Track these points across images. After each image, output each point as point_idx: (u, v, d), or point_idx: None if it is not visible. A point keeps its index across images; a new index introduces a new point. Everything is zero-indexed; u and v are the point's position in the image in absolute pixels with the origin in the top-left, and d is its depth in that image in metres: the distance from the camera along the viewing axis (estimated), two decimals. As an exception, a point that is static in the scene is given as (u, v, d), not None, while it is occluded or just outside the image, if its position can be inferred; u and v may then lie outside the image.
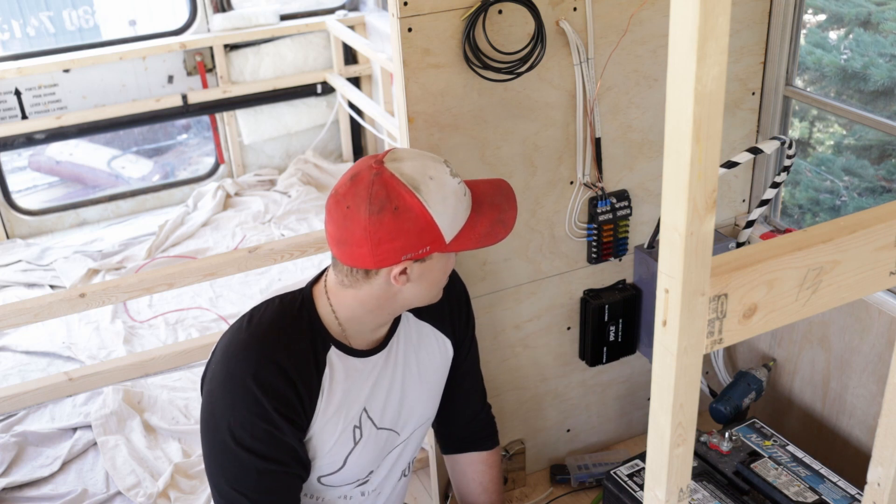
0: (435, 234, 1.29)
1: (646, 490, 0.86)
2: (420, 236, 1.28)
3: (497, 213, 1.37)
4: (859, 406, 1.75)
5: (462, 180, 1.35)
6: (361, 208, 1.26)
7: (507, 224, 1.38)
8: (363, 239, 1.27)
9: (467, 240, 1.33)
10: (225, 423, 1.34)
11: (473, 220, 1.34)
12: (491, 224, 1.36)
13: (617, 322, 1.85)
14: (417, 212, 1.26)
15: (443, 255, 1.34)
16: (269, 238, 4.17)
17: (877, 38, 3.56)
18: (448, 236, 1.31)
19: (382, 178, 1.26)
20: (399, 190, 1.26)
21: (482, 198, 1.38)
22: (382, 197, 1.25)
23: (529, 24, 1.55)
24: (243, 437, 1.33)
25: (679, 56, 0.66)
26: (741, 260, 0.78)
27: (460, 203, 1.32)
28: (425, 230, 1.28)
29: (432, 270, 1.35)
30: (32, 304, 2.71)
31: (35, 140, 4.34)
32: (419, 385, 1.53)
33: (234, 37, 4.45)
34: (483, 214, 1.36)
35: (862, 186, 3.68)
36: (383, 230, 1.26)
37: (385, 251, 1.28)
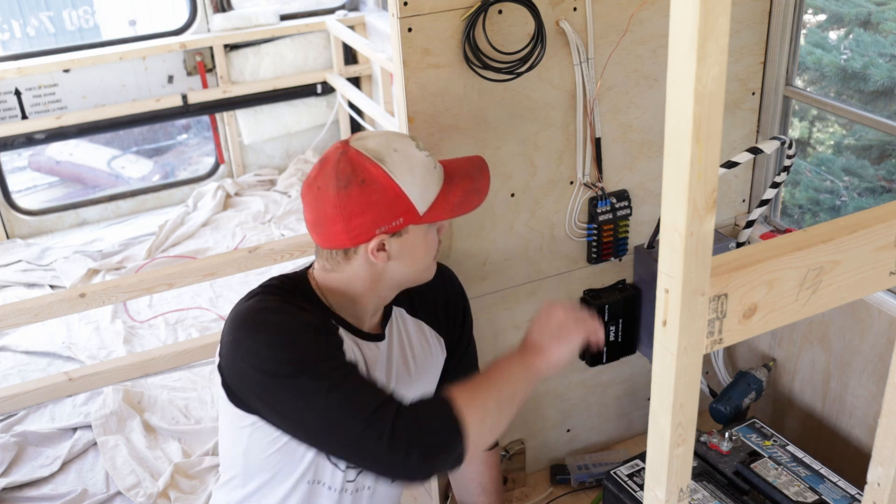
0: (406, 205, 1.30)
1: (646, 490, 0.86)
2: (390, 208, 1.29)
3: (471, 182, 1.38)
4: (859, 406, 1.75)
5: (431, 155, 1.36)
6: (330, 186, 1.29)
7: (480, 192, 1.39)
8: (335, 216, 1.30)
9: (442, 210, 1.34)
10: (297, 350, 1.26)
11: (447, 191, 1.35)
12: (465, 193, 1.37)
13: (617, 322, 1.85)
14: (384, 182, 1.28)
15: (420, 228, 1.34)
16: (269, 238, 4.17)
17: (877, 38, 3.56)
18: (421, 207, 1.32)
19: (348, 155, 1.30)
20: (364, 164, 1.29)
21: (455, 171, 1.39)
22: (348, 172, 1.28)
23: (529, 24, 1.55)
24: (319, 344, 1.28)
25: (679, 56, 0.66)
26: (741, 260, 0.78)
27: (430, 175, 1.33)
28: (395, 201, 1.29)
29: (412, 246, 1.35)
30: (32, 304, 2.71)
31: (35, 140, 4.34)
32: (411, 380, 1.52)
33: (234, 37, 4.45)
34: (456, 185, 1.37)
35: (862, 186, 3.68)
36: (352, 203, 1.28)
37: (358, 226, 1.30)
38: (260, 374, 1.26)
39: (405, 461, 1.22)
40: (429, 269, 1.43)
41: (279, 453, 1.38)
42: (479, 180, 1.40)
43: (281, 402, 1.25)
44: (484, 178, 1.41)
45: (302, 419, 1.25)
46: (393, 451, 1.22)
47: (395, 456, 1.22)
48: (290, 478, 1.42)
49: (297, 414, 1.25)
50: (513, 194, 1.70)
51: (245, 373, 1.28)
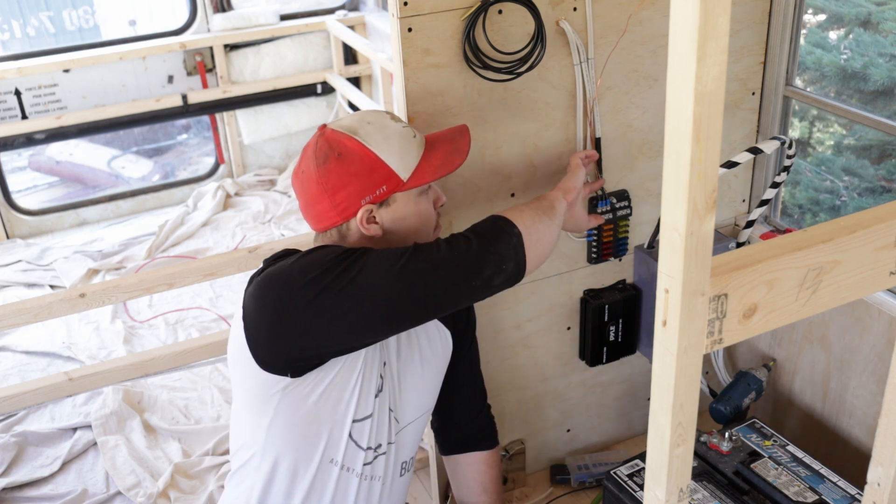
0: (386, 172, 1.34)
1: (646, 490, 0.86)
2: (371, 176, 1.33)
3: (451, 144, 1.41)
4: (859, 406, 1.75)
5: (408, 125, 1.40)
6: (311, 166, 1.35)
7: (461, 152, 1.41)
8: (320, 194, 1.35)
9: (424, 173, 1.37)
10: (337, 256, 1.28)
11: (428, 156, 1.39)
12: (446, 154, 1.39)
13: (617, 322, 1.85)
14: (360, 152, 1.33)
15: (407, 196, 1.37)
16: (269, 238, 4.17)
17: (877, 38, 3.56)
18: (403, 174, 1.35)
19: (325, 136, 1.36)
20: (339, 139, 1.34)
21: (436, 138, 1.43)
22: (325, 149, 1.34)
23: (529, 24, 1.55)
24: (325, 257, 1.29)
25: (679, 56, 0.66)
26: (741, 260, 0.78)
27: (408, 142, 1.37)
28: (374, 169, 1.33)
29: (404, 215, 1.37)
30: (32, 304, 2.71)
31: (35, 140, 4.34)
32: (419, 371, 1.53)
33: (234, 37, 4.45)
34: (437, 149, 1.40)
35: (862, 186, 3.68)
36: (333, 177, 1.33)
37: (342, 199, 1.34)
38: (310, 287, 1.26)
39: (468, 248, 1.27)
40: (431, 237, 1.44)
41: (304, 422, 1.38)
42: (458, 142, 1.43)
43: (341, 294, 1.25)
44: (464, 139, 1.43)
45: (365, 289, 1.25)
46: (451, 248, 1.27)
47: (456, 250, 1.27)
48: (314, 456, 1.42)
49: (360, 288, 1.25)
50: (513, 194, 1.70)
51: (293, 309, 1.27)
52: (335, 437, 1.42)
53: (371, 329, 1.32)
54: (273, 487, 1.45)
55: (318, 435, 1.41)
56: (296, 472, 1.43)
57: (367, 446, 1.46)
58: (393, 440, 1.51)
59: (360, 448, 1.45)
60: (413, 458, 1.63)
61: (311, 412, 1.38)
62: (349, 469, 1.45)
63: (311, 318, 1.28)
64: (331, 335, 1.30)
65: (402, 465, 1.58)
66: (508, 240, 1.31)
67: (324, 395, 1.38)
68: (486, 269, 1.29)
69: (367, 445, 1.46)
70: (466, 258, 1.28)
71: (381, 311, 1.28)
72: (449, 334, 1.58)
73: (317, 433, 1.41)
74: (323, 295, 1.26)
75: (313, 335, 1.30)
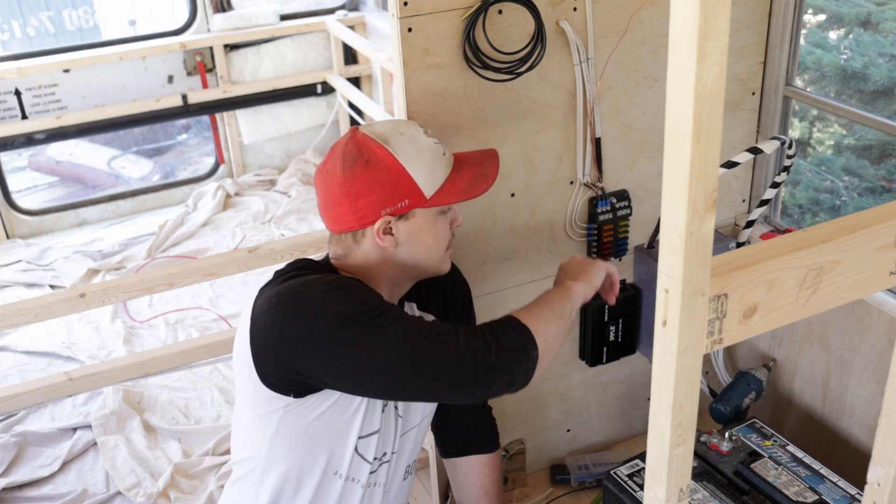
0: (411, 187, 1.32)
1: (646, 490, 0.86)
2: (395, 188, 1.31)
3: (478, 168, 1.40)
4: (859, 406, 1.75)
5: (438, 142, 1.39)
6: (337, 167, 1.33)
7: (488, 177, 1.40)
8: (342, 196, 1.33)
9: (448, 194, 1.35)
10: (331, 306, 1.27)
11: (454, 177, 1.37)
12: (472, 178, 1.38)
13: (617, 322, 1.85)
14: (388, 163, 1.31)
15: (427, 213, 1.36)
16: (269, 238, 4.16)
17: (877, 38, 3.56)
18: (427, 191, 1.34)
19: (355, 139, 1.34)
20: (370, 145, 1.32)
21: (464, 159, 1.42)
22: (354, 153, 1.32)
23: (529, 24, 1.55)
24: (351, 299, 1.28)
25: (679, 56, 0.66)
26: (741, 260, 0.78)
27: (437, 159, 1.36)
28: (400, 182, 1.31)
29: (420, 231, 1.36)
30: (32, 304, 2.71)
31: (35, 140, 4.34)
32: None
33: (234, 37, 4.45)
34: (464, 171, 1.38)
35: (862, 186, 3.68)
36: (358, 183, 1.32)
37: (363, 206, 1.32)
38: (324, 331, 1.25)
39: (484, 360, 1.25)
40: (442, 262, 1.44)
41: (305, 438, 1.38)
42: (487, 167, 1.41)
43: (352, 351, 1.25)
44: (493, 165, 1.42)
45: (376, 358, 1.25)
46: (470, 352, 1.25)
47: (474, 357, 1.25)
48: (316, 469, 1.41)
49: (371, 355, 1.24)
50: (513, 194, 1.70)
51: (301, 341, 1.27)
52: (339, 453, 1.42)
53: (367, 390, 1.33)
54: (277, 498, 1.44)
55: (320, 451, 1.40)
56: (299, 482, 1.43)
57: (374, 458, 1.46)
58: (396, 449, 1.50)
59: (366, 461, 1.45)
60: (416, 461, 1.63)
61: (313, 430, 1.38)
62: (354, 479, 1.46)
63: (317, 358, 1.28)
64: (330, 378, 1.31)
65: (405, 468, 1.58)
66: (525, 363, 1.30)
67: (326, 414, 1.37)
68: (493, 385, 1.30)
69: (373, 458, 1.46)
70: (480, 369, 1.27)
71: (383, 383, 1.29)
72: None
73: (319, 449, 1.40)
74: (334, 346, 1.25)
75: (315, 371, 1.30)
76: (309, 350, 1.27)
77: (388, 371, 1.26)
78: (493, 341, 1.27)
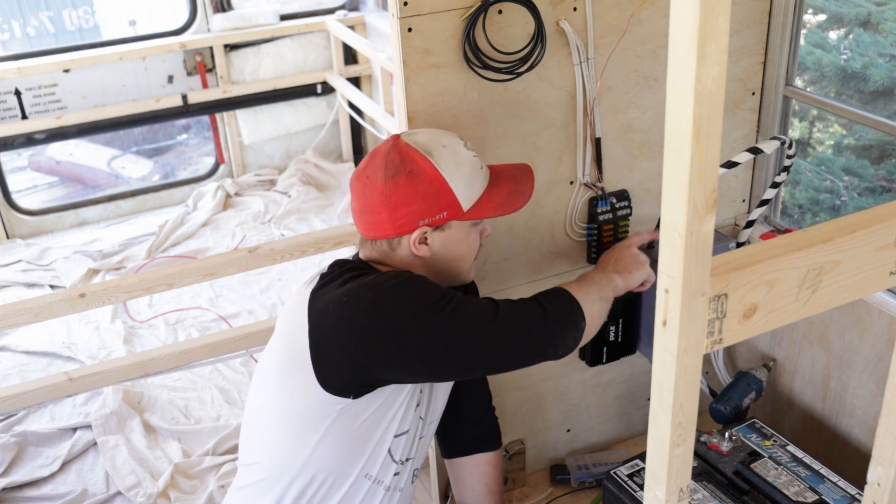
0: (450, 200, 1.34)
1: (646, 490, 0.86)
2: (436, 200, 1.33)
3: (514, 184, 1.43)
4: (859, 406, 1.75)
5: (477, 155, 1.41)
6: (378, 175, 1.34)
7: (524, 194, 1.43)
8: (381, 205, 1.34)
9: (485, 208, 1.38)
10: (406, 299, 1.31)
11: (490, 191, 1.40)
12: (508, 194, 1.41)
13: (617, 322, 1.85)
14: (431, 175, 1.32)
15: (462, 225, 1.38)
16: (269, 238, 4.16)
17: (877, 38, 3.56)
18: (465, 204, 1.36)
19: (398, 147, 1.35)
20: (413, 155, 1.33)
21: (501, 173, 1.44)
22: (397, 162, 1.33)
23: (529, 24, 1.55)
24: (421, 289, 1.32)
25: (679, 56, 0.66)
26: (741, 260, 0.78)
27: (476, 173, 1.38)
28: (440, 194, 1.33)
29: (453, 242, 1.38)
30: (32, 304, 2.71)
31: (35, 140, 4.34)
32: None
33: (234, 37, 4.45)
34: (501, 186, 1.41)
35: (862, 186, 3.68)
36: (399, 193, 1.33)
37: (403, 216, 1.33)
38: (406, 320, 1.29)
39: (543, 326, 1.32)
40: (470, 271, 1.46)
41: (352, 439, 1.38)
42: (523, 183, 1.44)
43: (433, 336, 1.29)
44: (529, 181, 1.45)
45: (457, 337, 1.30)
46: (535, 321, 1.31)
47: (537, 325, 1.31)
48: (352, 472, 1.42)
49: (452, 335, 1.30)
50: (513, 194, 1.70)
51: (383, 334, 1.29)
52: (376, 453, 1.43)
53: (441, 371, 1.37)
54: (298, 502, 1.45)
55: (362, 452, 1.42)
56: (332, 486, 1.43)
57: (400, 459, 1.47)
58: (414, 454, 1.52)
59: (394, 461, 1.46)
60: (421, 466, 1.64)
61: (361, 430, 1.39)
62: (379, 482, 1.47)
63: (399, 347, 1.30)
64: (407, 367, 1.33)
65: (414, 472, 1.59)
66: (574, 332, 1.37)
67: (375, 413, 1.39)
68: (549, 351, 1.35)
69: (399, 458, 1.47)
70: (540, 335, 1.34)
71: (461, 359, 1.33)
72: None
73: (361, 450, 1.42)
74: (417, 332, 1.29)
75: (393, 363, 1.32)
76: (391, 342, 1.30)
77: (468, 347, 1.31)
78: (551, 309, 1.34)
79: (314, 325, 1.34)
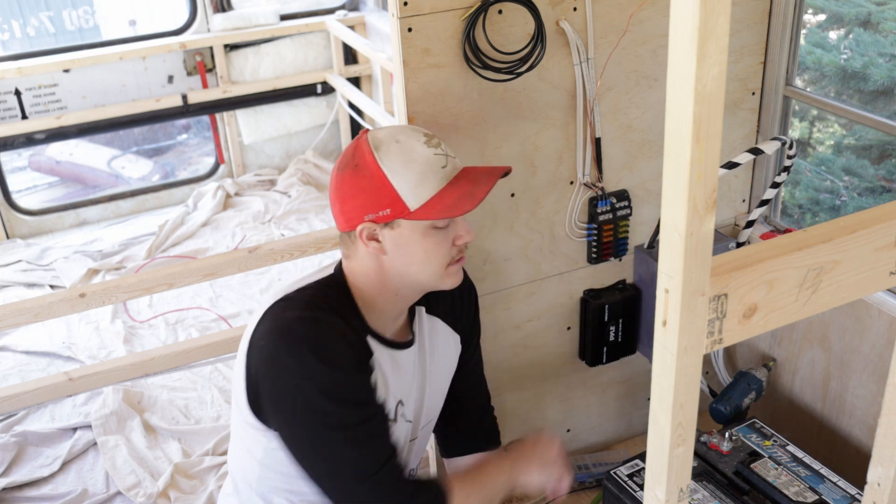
0: (392, 196, 1.30)
1: (646, 490, 0.86)
2: (377, 195, 1.30)
3: (471, 186, 1.33)
4: (859, 406, 1.75)
5: (446, 154, 1.33)
6: (335, 167, 1.36)
7: (475, 197, 1.32)
8: (334, 198, 1.36)
9: (433, 209, 1.30)
10: (320, 389, 1.30)
11: (444, 192, 1.32)
12: (460, 196, 1.32)
13: (617, 322, 1.85)
14: (372, 170, 1.30)
15: (415, 224, 1.32)
16: (269, 238, 4.16)
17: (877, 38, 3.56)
18: (412, 203, 1.30)
19: (358, 141, 1.34)
20: (363, 150, 1.32)
21: (466, 174, 1.36)
22: (349, 156, 1.33)
23: (529, 24, 1.55)
24: (340, 393, 1.31)
25: (679, 56, 0.66)
26: (741, 260, 0.78)
27: (430, 172, 1.31)
28: (381, 189, 1.30)
29: (407, 242, 1.33)
30: (32, 304, 2.71)
31: (35, 140, 4.34)
32: (437, 380, 1.54)
33: (234, 37, 4.45)
34: (457, 187, 1.33)
35: (862, 186, 3.68)
36: (345, 186, 1.33)
37: (349, 209, 1.33)
38: (291, 405, 1.31)
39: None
40: (441, 277, 1.38)
41: (295, 470, 1.39)
42: (481, 185, 1.34)
43: (298, 437, 1.33)
44: (487, 184, 1.34)
45: (312, 458, 1.34)
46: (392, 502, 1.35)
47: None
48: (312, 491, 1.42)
49: (309, 451, 1.34)
50: (513, 194, 1.70)
51: (275, 394, 1.33)
52: None
53: (298, 464, 1.38)
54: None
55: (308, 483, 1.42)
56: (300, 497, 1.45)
57: None
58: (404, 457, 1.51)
59: None
60: (418, 465, 1.64)
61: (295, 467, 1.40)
62: None
63: (279, 418, 1.35)
64: (282, 439, 1.37)
65: (411, 472, 1.59)
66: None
67: None
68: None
69: None
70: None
71: (314, 475, 1.37)
72: (458, 339, 1.58)
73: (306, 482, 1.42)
74: (297, 422, 1.33)
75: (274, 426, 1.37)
76: (276, 405, 1.33)
77: (325, 476, 1.36)
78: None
79: (253, 343, 1.36)
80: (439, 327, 1.54)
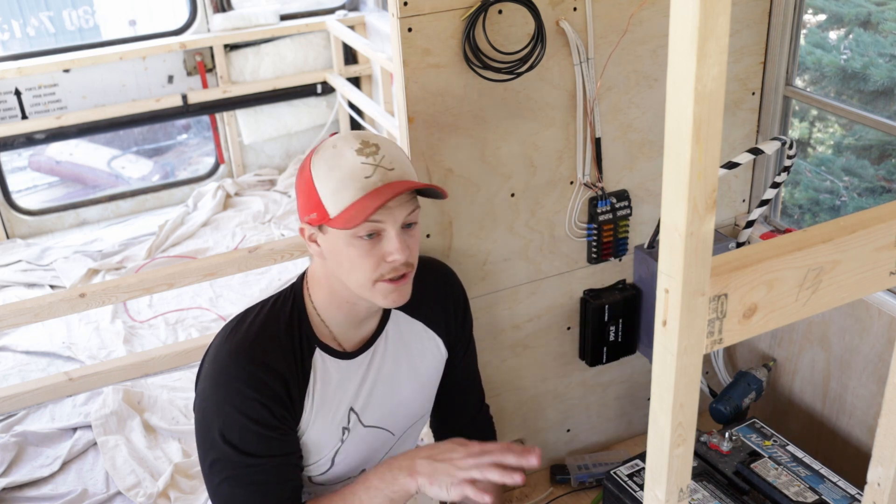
0: (316, 201, 1.29)
1: (646, 490, 0.86)
2: (307, 199, 1.32)
3: (372, 199, 1.25)
4: (859, 406, 1.75)
5: (377, 165, 1.27)
6: None
7: (367, 210, 1.24)
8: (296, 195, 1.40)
9: (340, 219, 1.27)
10: (217, 424, 1.37)
11: (360, 202, 1.26)
12: (358, 210, 1.26)
13: (617, 322, 1.85)
14: (307, 174, 1.32)
15: (338, 232, 1.29)
16: (269, 238, 4.17)
17: (877, 38, 3.56)
18: (332, 210, 1.27)
19: (320, 143, 1.36)
20: (313, 152, 1.34)
21: (393, 187, 1.27)
22: (307, 157, 1.36)
23: (529, 24, 1.55)
24: (232, 437, 1.36)
25: (679, 56, 0.66)
26: (741, 260, 0.78)
27: (352, 181, 1.26)
28: (310, 193, 1.31)
29: (333, 249, 1.31)
30: (32, 304, 2.71)
31: (35, 140, 4.34)
32: (411, 383, 1.52)
33: (234, 37, 4.45)
34: (373, 199, 1.26)
35: (862, 186, 3.68)
36: (296, 185, 1.37)
37: (298, 209, 1.37)
38: (198, 413, 1.46)
39: None
40: (370, 291, 1.32)
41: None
42: (379, 198, 1.25)
43: (204, 464, 1.44)
44: (383, 197, 1.25)
45: (209, 487, 1.43)
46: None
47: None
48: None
49: (207, 481, 1.44)
50: (513, 194, 1.70)
51: (194, 404, 1.48)
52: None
53: None
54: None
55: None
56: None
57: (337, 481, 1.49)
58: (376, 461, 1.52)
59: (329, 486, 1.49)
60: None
61: None
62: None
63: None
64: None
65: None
66: None
67: None
68: None
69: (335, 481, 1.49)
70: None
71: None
72: (441, 342, 1.56)
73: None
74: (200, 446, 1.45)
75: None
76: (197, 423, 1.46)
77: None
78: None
79: (202, 368, 1.48)
80: (419, 329, 1.53)
